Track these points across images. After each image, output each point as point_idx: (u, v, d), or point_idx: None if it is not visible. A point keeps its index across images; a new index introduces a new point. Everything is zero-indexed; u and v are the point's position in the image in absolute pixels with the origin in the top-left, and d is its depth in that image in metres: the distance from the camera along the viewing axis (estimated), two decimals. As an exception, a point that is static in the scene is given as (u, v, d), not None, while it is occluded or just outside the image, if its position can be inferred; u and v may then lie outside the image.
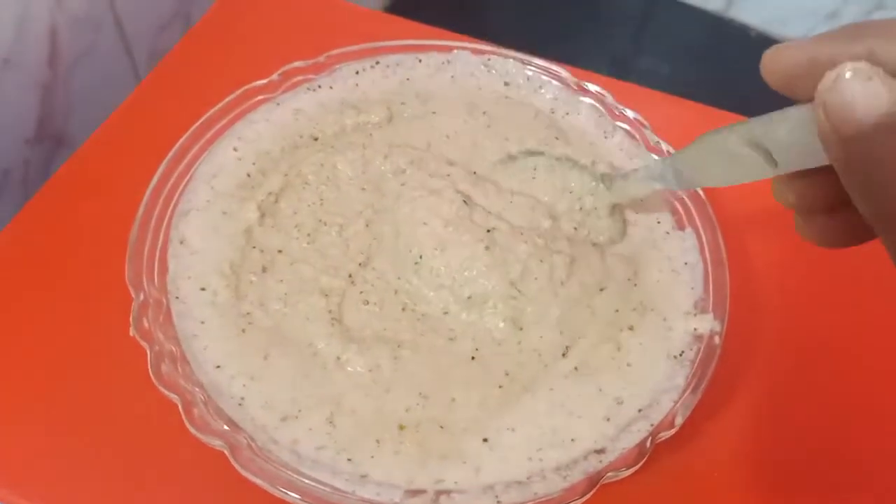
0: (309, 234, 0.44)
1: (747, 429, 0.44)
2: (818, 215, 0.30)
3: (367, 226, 0.44)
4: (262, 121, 0.47)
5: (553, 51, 0.55)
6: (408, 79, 0.50)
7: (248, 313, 0.41)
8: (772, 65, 0.27)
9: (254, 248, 0.43)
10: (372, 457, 0.37)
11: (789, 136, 0.28)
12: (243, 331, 0.40)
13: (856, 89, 0.23)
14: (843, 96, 0.23)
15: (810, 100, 0.26)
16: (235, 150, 0.46)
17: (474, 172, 0.46)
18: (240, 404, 0.38)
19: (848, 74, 0.23)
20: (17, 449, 0.41)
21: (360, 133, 0.48)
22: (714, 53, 1.22)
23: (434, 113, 0.48)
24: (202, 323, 0.40)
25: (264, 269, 0.43)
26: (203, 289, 0.41)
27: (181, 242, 0.42)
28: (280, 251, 0.43)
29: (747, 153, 0.31)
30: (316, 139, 0.47)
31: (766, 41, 1.21)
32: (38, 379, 0.43)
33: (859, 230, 0.29)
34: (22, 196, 0.62)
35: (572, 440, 0.38)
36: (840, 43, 0.25)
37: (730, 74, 1.17)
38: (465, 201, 0.43)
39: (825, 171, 0.28)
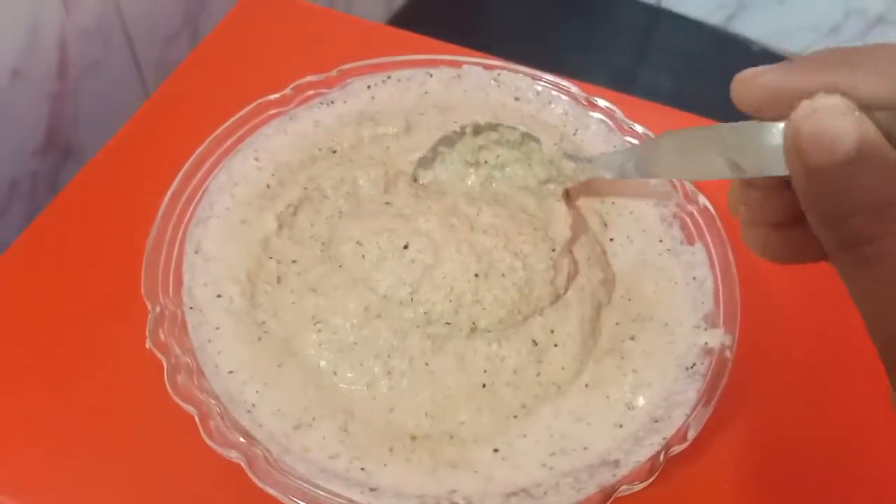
0: (323, 244, 0.44)
1: (758, 442, 0.44)
2: (766, 227, 0.30)
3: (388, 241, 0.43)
4: (280, 132, 0.47)
5: (555, 64, 0.55)
6: (426, 92, 0.50)
7: (263, 322, 0.41)
8: (742, 91, 0.27)
9: (270, 258, 0.43)
10: (385, 465, 0.37)
11: (755, 148, 0.28)
12: (259, 339, 0.41)
13: (828, 123, 0.24)
14: (816, 127, 0.24)
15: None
16: (257, 159, 0.46)
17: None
18: (249, 411, 0.38)
19: (822, 104, 0.24)
20: (33, 462, 0.41)
21: (376, 145, 0.48)
22: (716, 67, 1.22)
23: (455, 122, 0.48)
24: (217, 329, 0.40)
25: (279, 280, 0.43)
26: (219, 296, 0.41)
27: (196, 252, 0.42)
28: (294, 261, 0.44)
29: (711, 156, 0.31)
30: (334, 152, 0.48)
31: (768, 55, 1.21)
32: (53, 392, 0.43)
33: (806, 249, 0.30)
34: (29, 207, 0.63)
35: (584, 448, 0.38)
36: (808, 73, 0.26)
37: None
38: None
39: (780, 187, 0.29)
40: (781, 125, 0.27)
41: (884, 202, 0.23)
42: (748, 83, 0.27)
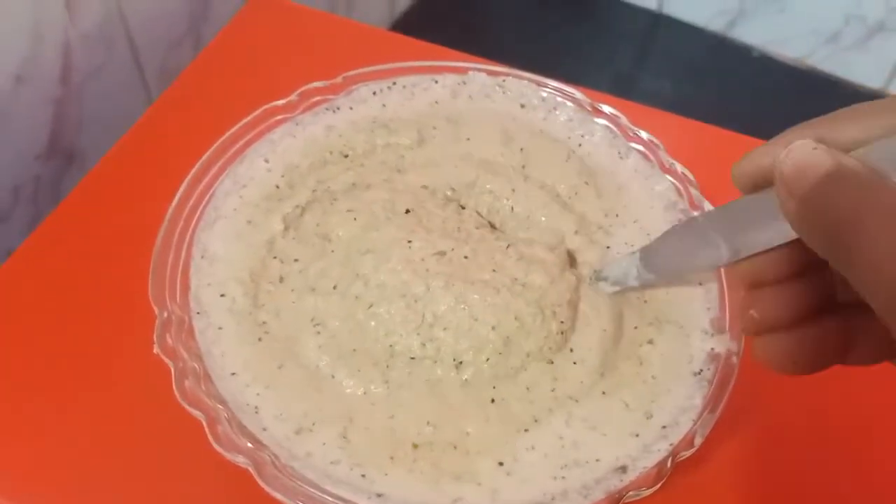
0: (331, 241, 0.44)
1: (764, 448, 0.44)
2: (783, 333, 0.31)
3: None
4: (289, 135, 0.47)
5: (555, 69, 0.55)
6: (436, 102, 0.50)
7: (264, 322, 0.41)
8: (738, 175, 0.31)
9: (274, 258, 0.43)
10: (385, 474, 0.37)
11: (752, 222, 0.31)
12: (259, 339, 0.40)
13: (802, 156, 0.27)
14: (793, 161, 0.27)
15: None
16: (266, 161, 0.46)
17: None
18: (256, 413, 0.38)
19: (796, 145, 0.27)
20: (40, 468, 0.41)
21: (390, 153, 0.48)
22: (716, 73, 1.22)
23: (468, 140, 0.48)
24: (220, 329, 0.40)
25: (281, 280, 0.43)
26: (223, 295, 0.41)
27: (202, 257, 0.42)
28: (296, 260, 0.43)
29: (713, 244, 0.33)
30: (346, 156, 0.47)
31: (768, 61, 1.22)
32: (59, 399, 0.43)
33: (829, 346, 0.31)
34: (32, 212, 0.63)
35: (597, 460, 0.37)
36: (784, 139, 0.29)
37: (732, 94, 1.18)
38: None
39: (790, 278, 0.31)
40: (770, 191, 0.29)
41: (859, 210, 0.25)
42: (740, 166, 0.31)
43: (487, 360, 0.40)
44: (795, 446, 0.44)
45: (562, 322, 0.41)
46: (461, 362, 0.40)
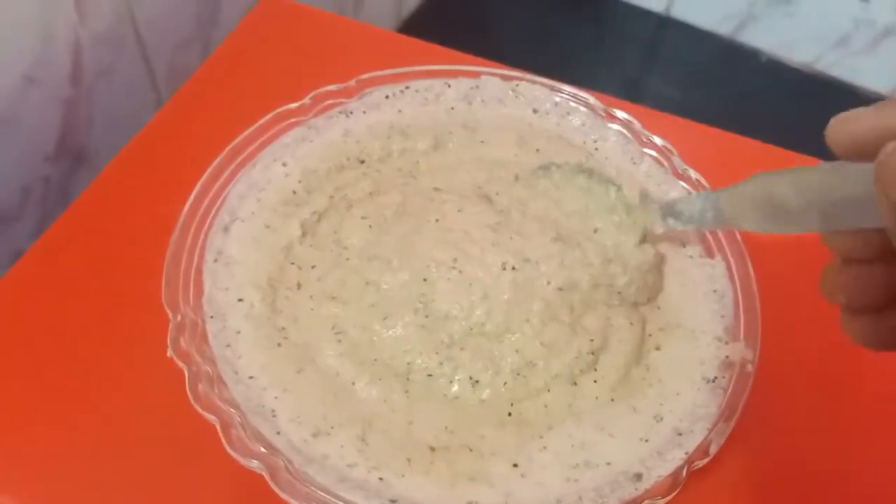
0: (346, 249, 0.44)
1: (778, 457, 0.44)
2: (871, 314, 0.29)
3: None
4: (307, 140, 0.47)
5: (561, 72, 0.55)
6: (452, 108, 0.50)
7: (283, 328, 0.41)
8: (837, 134, 0.27)
9: (292, 263, 0.44)
10: (403, 475, 0.37)
11: (848, 195, 0.28)
12: (279, 345, 0.41)
13: None
14: (894, 167, 0.24)
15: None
16: (284, 165, 0.46)
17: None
18: (274, 416, 0.38)
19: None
20: (52, 471, 0.41)
21: (406, 159, 0.48)
22: (724, 77, 1.22)
23: (482, 142, 0.48)
24: (238, 333, 0.40)
25: (299, 286, 0.43)
26: (241, 300, 0.41)
27: (215, 261, 0.42)
28: (314, 267, 0.44)
29: (801, 206, 0.30)
30: (362, 162, 0.48)
31: (777, 66, 1.22)
32: (70, 402, 0.43)
33: None
34: (41, 214, 0.63)
35: (608, 463, 0.38)
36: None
37: (740, 98, 1.17)
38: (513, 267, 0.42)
39: (883, 261, 0.28)
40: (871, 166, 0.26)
41: None
42: (842, 125, 0.27)
43: (505, 384, 0.40)
44: (810, 455, 0.44)
45: (591, 340, 0.41)
46: (477, 381, 0.40)
